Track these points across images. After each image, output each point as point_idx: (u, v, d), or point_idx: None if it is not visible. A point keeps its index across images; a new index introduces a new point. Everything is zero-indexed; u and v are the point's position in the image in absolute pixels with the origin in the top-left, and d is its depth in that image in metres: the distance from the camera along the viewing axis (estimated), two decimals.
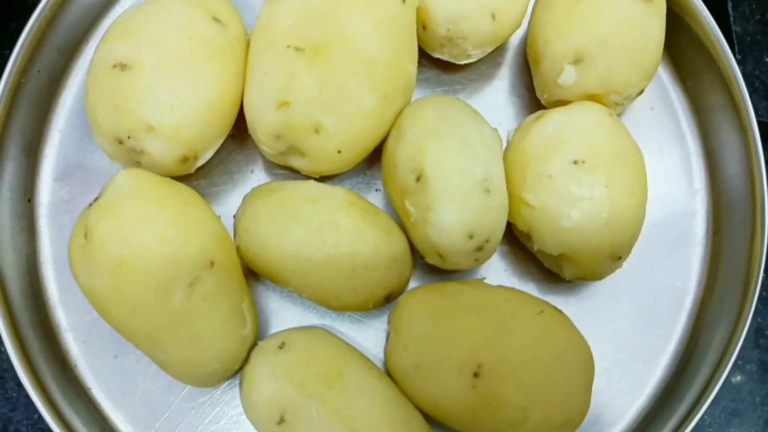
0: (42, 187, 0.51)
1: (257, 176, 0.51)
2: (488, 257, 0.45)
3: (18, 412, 0.52)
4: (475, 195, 0.43)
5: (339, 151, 0.45)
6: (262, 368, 0.43)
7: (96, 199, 0.42)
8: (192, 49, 0.44)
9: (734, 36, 0.55)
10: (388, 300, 0.46)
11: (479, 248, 0.44)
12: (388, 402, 0.43)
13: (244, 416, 0.46)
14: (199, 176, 0.49)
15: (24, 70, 0.48)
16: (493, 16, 0.47)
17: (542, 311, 0.44)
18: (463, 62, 0.50)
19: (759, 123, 0.49)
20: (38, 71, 0.49)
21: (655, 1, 0.47)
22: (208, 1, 0.46)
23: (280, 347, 0.44)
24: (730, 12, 0.55)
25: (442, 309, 0.44)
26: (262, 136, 0.45)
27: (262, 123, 0.45)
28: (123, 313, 0.41)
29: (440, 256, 0.44)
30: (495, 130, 0.47)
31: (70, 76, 0.52)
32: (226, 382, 0.47)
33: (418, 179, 0.43)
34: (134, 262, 0.39)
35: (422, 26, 0.48)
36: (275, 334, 0.46)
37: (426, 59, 0.51)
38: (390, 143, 0.47)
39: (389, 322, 0.47)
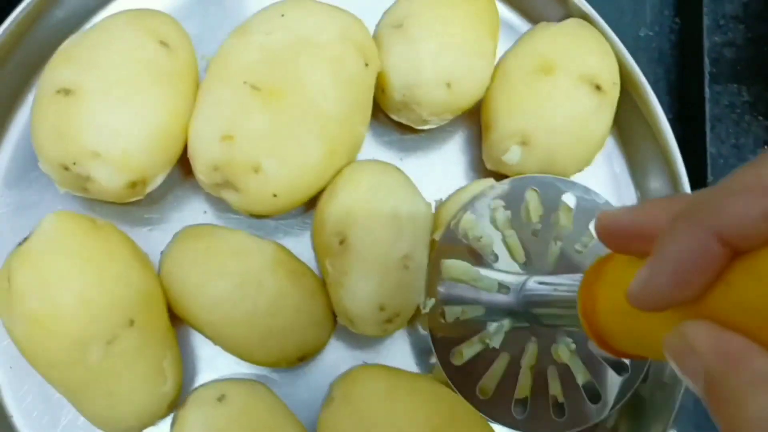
0: None
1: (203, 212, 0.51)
2: (397, 329, 0.46)
3: None
4: (393, 270, 0.44)
5: (274, 195, 0.45)
6: (197, 417, 0.43)
7: (25, 239, 0.42)
8: (137, 73, 0.43)
9: (708, 157, 0.55)
10: (301, 360, 0.46)
11: (389, 320, 0.45)
12: None
13: None
14: (149, 202, 0.49)
15: None
16: (449, 86, 0.47)
17: None
18: (420, 127, 0.51)
19: None
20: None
21: (608, 93, 0.49)
22: (157, 25, 0.46)
23: (219, 399, 0.43)
24: (708, 133, 0.55)
25: (396, 387, 0.44)
26: (200, 164, 0.45)
27: (202, 151, 0.44)
28: (39, 365, 0.41)
29: (350, 320, 0.45)
30: (429, 205, 0.48)
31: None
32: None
33: (341, 242, 0.44)
34: (52, 319, 0.39)
35: (381, 90, 0.49)
36: (216, 382, 0.46)
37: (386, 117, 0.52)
38: (323, 199, 0.47)
39: (331, 390, 0.46)
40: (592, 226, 0.47)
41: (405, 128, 0.52)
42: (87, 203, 0.49)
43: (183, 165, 0.47)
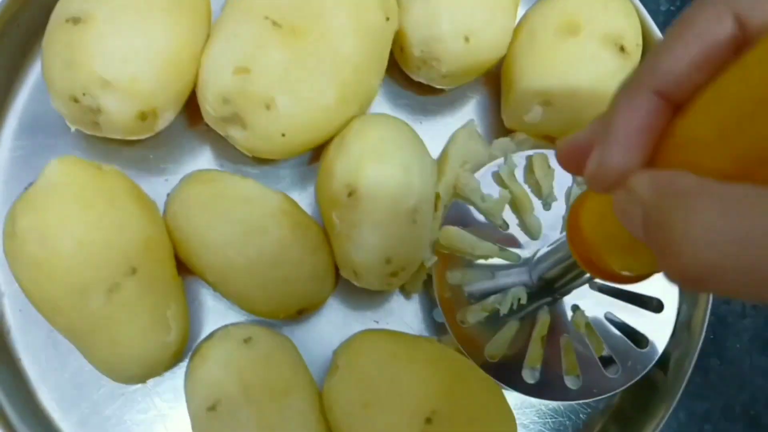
0: (2, 143, 0.49)
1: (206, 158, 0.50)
2: (401, 283, 0.46)
3: None
4: (401, 223, 0.43)
5: (283, 135, 0.44)
6: (219, 352, 0.43)
7: (30, 184, 0.41)
8: (148, 3, 0.42)
9: None
10: (299, 314, 0.46)
11: (394, 273, 0.44)
12: None
13: (173, 410, 0.47)
14: (157, 145, 0.49)
15: (6, 22, 0.47)
16: (467, 39, 0.46)
17: None
18: (441, 86, 0.50)
19: None
20: (18, 25, 0.48)
21: (632, 55, 0.47)
22: None
23: (246, 341, 0.44)
24: None
25: (399, 352, 0.44)
26: (210, 95, 0.44)
27: (214, 82, 0.44)
28: (44, 310, 0.41)
29: (355, 273, 0.45)
30: (434, 160, 0.47)
31: None
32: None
33: (350, 195, 0.43)
34: (51, 263, 0.39)
35: (400, 48, 0.48)
36: (245, 324, 0.46)
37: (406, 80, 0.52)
38: (331, 151, 0.46)
39: (335, 357, 0.46)
40: None
41: (424, 90, 0.52)
42: (99, 149, 0.48)
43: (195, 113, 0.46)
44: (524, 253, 0.47)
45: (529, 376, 0.46)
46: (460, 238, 0.46)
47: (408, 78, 0.51)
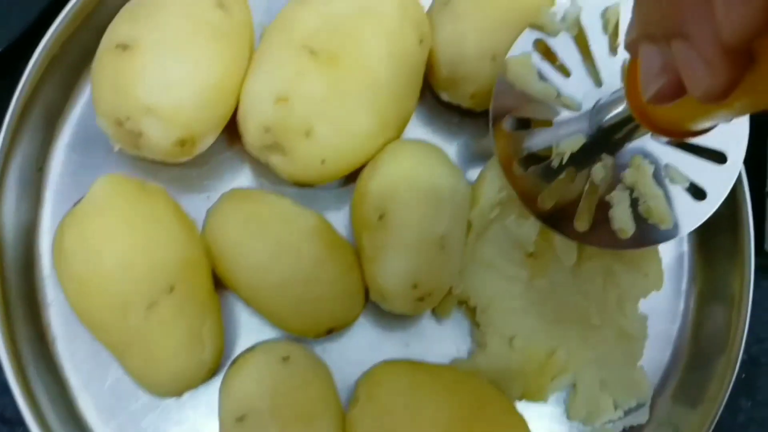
0: (55, 157, 0.51)
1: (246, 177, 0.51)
2: (429, 308, 0.47)
3: None
4: (429, 249, 0.43)
5: (322, 161, 0.45)
6: (257, 367, 0.44)
7: (78, 201, 0.43)
8: (193, 31, 0.44)
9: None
10: (329, 333, 0.47)
11: (420, 298, 0.44)
12: None
13: (206, 423, 0.48)
14: (199, 163, 0.50)
15: (62, 44, 0.49)
16: (494, 59, 0.46)
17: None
18: (469, 107, 0.50)
19: None
20: (75, 44, 0.49)
21: None
22: None
23: (284, 359, 0.44)
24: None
25: (419, 382, 0.44)
26: (252, 124, 0.45)
27: (255, 111, 0.45)
28: (87, 323, 0.43)
29: (382, 296, 0.45)
30: (469, 186, 0.47)
31: None
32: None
33: (380, 218, 0.44)
34: (95, 280, 0.41)
35: (431, 68, 0.49)
36: (286, 342, 0.47)
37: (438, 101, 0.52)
38: (365, 174, 0.47)
39: (357, 389, 0.47)
40: None
41: (460, 111, 0.51)
42: (143, 166, 0.50)
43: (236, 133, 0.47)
44: (585, 102, 0.45)
45: (580, 225, 0.45)
46: (524, 71, 0.45)
47: (441, 101, 0.51)
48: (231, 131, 0.48)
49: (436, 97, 0.51)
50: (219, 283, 0.47)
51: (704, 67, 0.24)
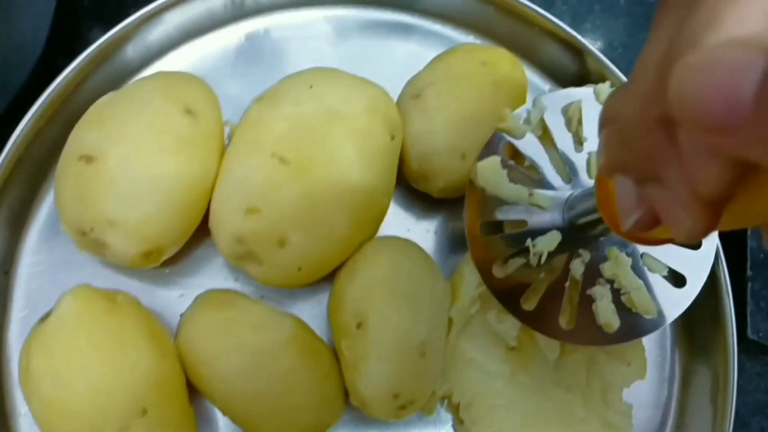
0: (22, 258, 0.50)
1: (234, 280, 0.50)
2: (411, 413, 0.45)
3: None
4: (409, 358, 0.43)
5: (299, 269, 0.44)
6: None
7: (46, 315, 0.42)
8: (160, 142, 0.43)
9: (748, 251, 0.54)
10: None
11: (402, 407, 0.44)
12: None
13: None
14: (173, 260, 0.49)
15: (27, 145, 0.48)
16: (463, 156, 0.46)
17: None
18: (440, 197, 0.50)
19: (756, 343, 0.50)
20: (40, 147, 0.49)
21: None
22: (184, 92, 0.46)
23: None
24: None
25: None
26: (224, 235, 0.44)
27: (226, 223, 0.44)
28: None
29: (363, 404, 0.44)
30: (447, 282, 0.47)
31: None
32: None
33: (358, 326, 0.43)
34: (63, 404, 0.39)
35: (402, 159, 0.49)
36: None
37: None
38: (342, 276, 0.46)
39: None
40: None
41: (433, 199, 0.51)
42: (114, 265, 0.48)
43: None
44: (557, 195, 0.45)
45: (565, 323, 0.44)
46: (494, 176, 0.45)
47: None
48: (205, 228, 0.47)
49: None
50: (194, 389, 0.45)
51: (684, 212, 0.23)
